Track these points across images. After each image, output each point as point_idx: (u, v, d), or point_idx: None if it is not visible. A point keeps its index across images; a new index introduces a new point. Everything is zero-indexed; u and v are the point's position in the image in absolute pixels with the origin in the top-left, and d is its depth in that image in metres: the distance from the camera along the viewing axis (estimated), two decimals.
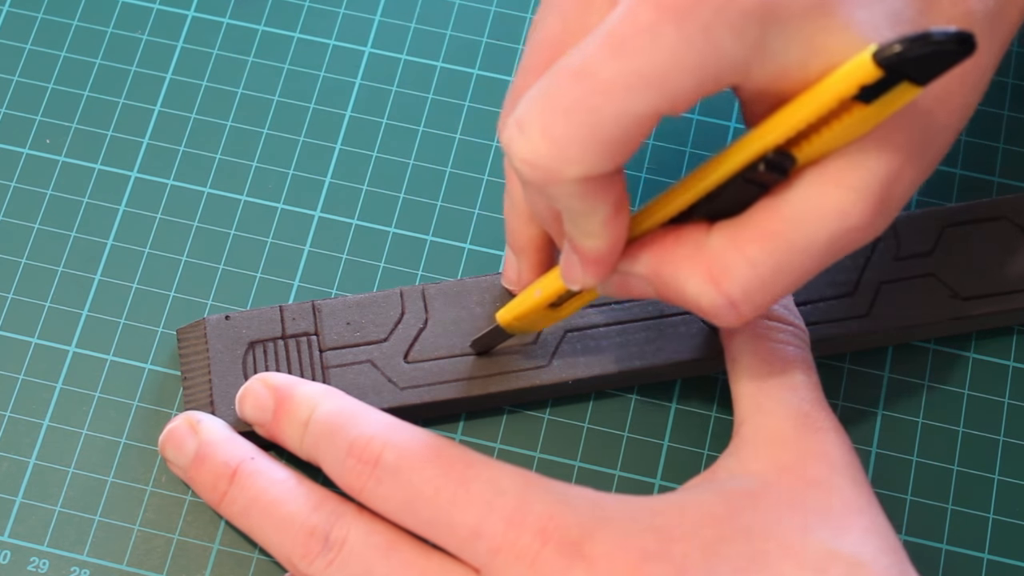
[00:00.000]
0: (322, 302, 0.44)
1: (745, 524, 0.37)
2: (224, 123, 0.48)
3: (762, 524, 0.37)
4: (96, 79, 0.48)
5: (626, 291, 0.37)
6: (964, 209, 0.45)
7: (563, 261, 0.37)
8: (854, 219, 0.34)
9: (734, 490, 0.38)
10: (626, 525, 0.37)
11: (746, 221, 0.35)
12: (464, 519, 0.37)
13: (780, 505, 0.37)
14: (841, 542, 0.36)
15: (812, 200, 0.34)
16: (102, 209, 0.47)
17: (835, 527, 0.37)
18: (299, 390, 0.41)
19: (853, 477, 0.38)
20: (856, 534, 0.37)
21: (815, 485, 0.38)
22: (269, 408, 0.41)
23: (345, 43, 0.49)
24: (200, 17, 0.49)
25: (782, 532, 0.37)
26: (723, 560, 0.36)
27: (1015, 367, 0.45)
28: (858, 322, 0.44)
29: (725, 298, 0.35)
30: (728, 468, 0.39)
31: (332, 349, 0.43)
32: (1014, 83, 0.48)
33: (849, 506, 0.37)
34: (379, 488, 0.38)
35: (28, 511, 0.43)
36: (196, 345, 0.44)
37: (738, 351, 0.41)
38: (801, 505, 0.37)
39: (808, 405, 0.39)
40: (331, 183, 0.47)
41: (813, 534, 0.37)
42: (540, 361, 0.43)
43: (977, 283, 0.44)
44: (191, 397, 0.43)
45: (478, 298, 0.44)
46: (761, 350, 0.40)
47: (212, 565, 0.43)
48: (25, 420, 0.44)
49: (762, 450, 0.39)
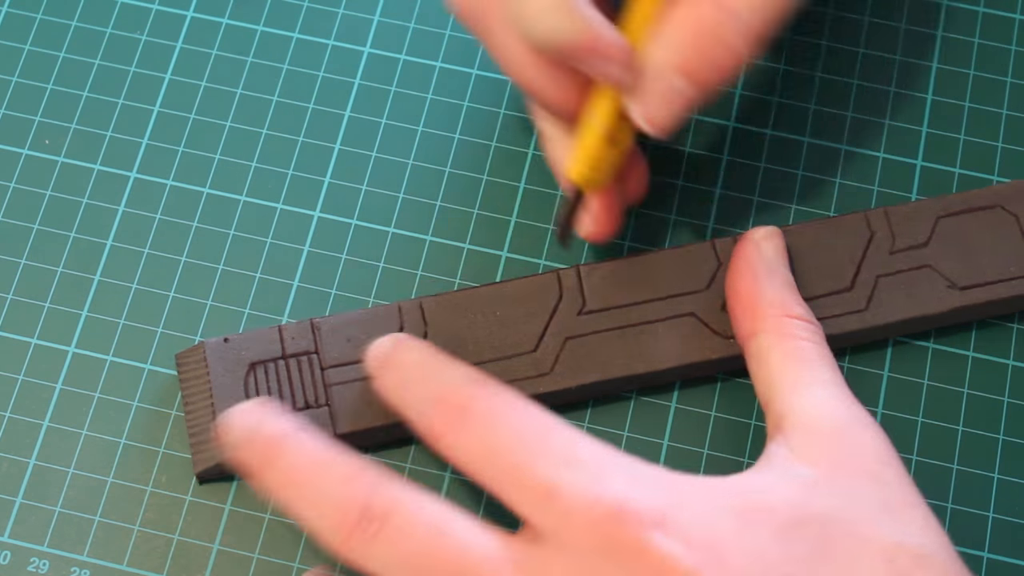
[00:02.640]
0: (320, 320, 0.44)
1: (816, 510, 0.37)
2: (223, 123, 0.48)
3: (831, 512, 0.37)
4: (95, 80, 0.48)
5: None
6: (958, 199, 0.45)
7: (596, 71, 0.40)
8: None
9: (799, 478, 0.38)
10: (702, 503, 0.37)
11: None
12: (542, 474, 0.36)
13: (842, 496, 0.37)
14: (905, 534, 0.37)
15: None
16: (102, 209, 0.47)
17: (896, 519, 0.37)
18: (412, 342, 0.41)
19: (900, 471, 0.39)
20: (917, 526, 0.37)
21: (872, 479, 0.38)
22: (387, 354, 0.41)
23: (344, 43, 0.49)
24: (199, 17, 0.49)
25: (849, 521, 0.37)
26: (797, 543, 0.36)
27: (1015, 366, 0.45)
28: (857, 317, 0.44)
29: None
30: (783, 458, 0.39)
31: (333, 367, 0.43)
32: (1013, 82, 0.48)
33: (905, 499, 0.38)
34: (461, 437, 0.38)
35: (28, 511, 0.43)
36: (196, 369, 0.43)
37: (766, 349, 0.41)
38: (863, 498, 0.38)
39: (847, 401, 0.40)
40: (330, 183, 0.47)
41: (878, 525, 0.37)
42: (542, 369, 0.43)
43: (974, 272, 0.44)
44: (193, 421, 0.43)
45: (476, 309, 0.44)
46: (789, 348, 0.41)
47: (212, 565, 0.43)
48: (25, 420, 0.44)
49: (812, 444, 0.39)
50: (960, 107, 0.48)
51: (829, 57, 0.49)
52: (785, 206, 0.47)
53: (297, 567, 0.43)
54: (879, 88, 0.48)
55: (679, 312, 0.44)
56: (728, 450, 0.44)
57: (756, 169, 0.47)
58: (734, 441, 0.44)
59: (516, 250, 0.46)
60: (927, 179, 0.47)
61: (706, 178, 0.47)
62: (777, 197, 0.47)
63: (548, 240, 0.46)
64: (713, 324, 0.44)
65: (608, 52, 0.39)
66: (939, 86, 0.48)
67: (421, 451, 0.44)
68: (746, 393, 0.45)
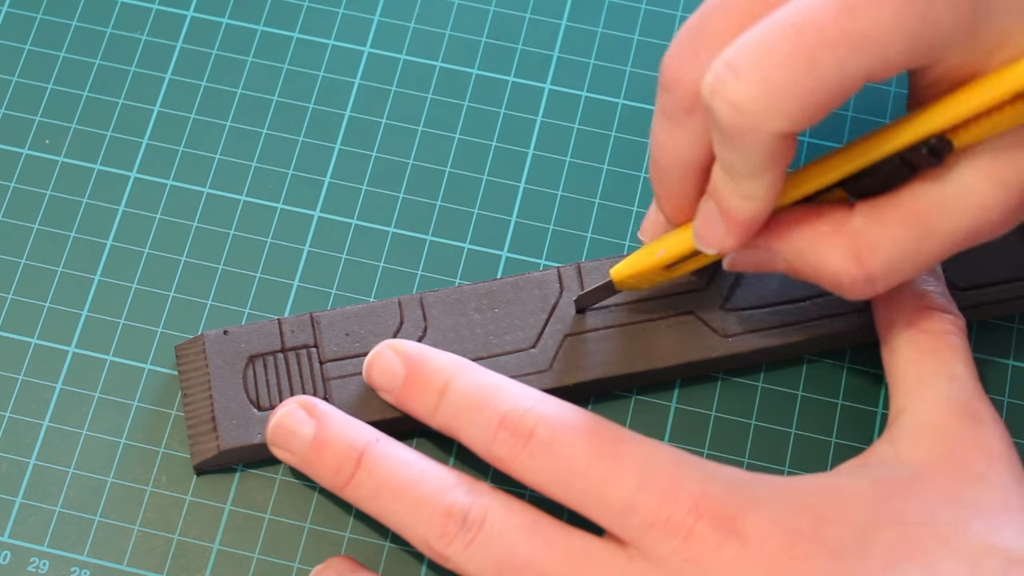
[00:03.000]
0: (320, 313, 0.44)
1: (900, 512, 0.37)
2: (223, 123, 0.48)
3: (917, 513, 0.37)
4: (95, 79, 0.48)
5: (756, 263, 0.38)
6: None
7: (701, 221, 0.38)
8: (995, 214, 0.36)
9: (889, 478, 0.38)
10: (779, 505, 0.37)
11: (893, 202, 0.36)
12: (618, 493, 0.37)
13: (936, 496, 0.37)
14: (998, 537, 0.36)
15: (961, 190, 0.36)
16: (102, 209, 0.47)
17: (992, 521, 0.37)
18: (432, 358, 0.41)
19: (1012, 472, 0.38)
20: (1014, 529, 0.37)
21: (973, 478, 0.38)
22: (399, 375, 0.41)
23: (344, 43, 0.49)
24: (199, 17, 0.49)
25: (938, 523, 0.37)
26: (877, 545, 0.36)
27: (1015, 366, 0.45)
28: (859, 316, 0.44)
29: (865, 274, 0.37)
30: (882, 456, 0.39)
31: (332, 361, 0.43)
32: None
33: (1008, 501, 0.37)
34: (531, 461, 0.38)
35: (28, 511, 0.43)
36: (195, 361, 0.43)
37: (897, 340, 0.41)
38: (958, 498, 0.37)
39: (968, 396, 0.39)
40: (330, 183, 0.47)
41: (969, 527, 0.37)
42: (540, 366, 0.43)
43: (976, 272, 0.44)
44: (192, 413, 0.43)
45: (476, 305, 0.44)
46: (920, 340, 0.41)
47: (212, 565, 0.43)
48: (25, 420, 0.44)
49: (920, 441, 0.39)
50: None
51: None
52: None
53: (297, 567, 0.42)
54: (879, 88, 0.48)
55: (679, 310, 0.44)
56: (728, 450, 0.44)
57: None
58: (734, 441, 0.44)
59: (516, 250, 0.46)
60: None
61: None
62: None
63: (548, 240, 0.46)
64: (713, 322, 0.44)
65: (746, 238, 0.37)
66: None
67: (424, 445, 0.44)
68: (746, 393, 0.45)
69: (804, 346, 0.44)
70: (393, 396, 0.41)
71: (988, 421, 0.39)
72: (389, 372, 0.41)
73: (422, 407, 0.41)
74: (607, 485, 0.38)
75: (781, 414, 0.44)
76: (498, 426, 0.39)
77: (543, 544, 0.38)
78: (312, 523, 0.43)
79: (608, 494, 0.37)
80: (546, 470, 0.38)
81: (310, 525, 0.43)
